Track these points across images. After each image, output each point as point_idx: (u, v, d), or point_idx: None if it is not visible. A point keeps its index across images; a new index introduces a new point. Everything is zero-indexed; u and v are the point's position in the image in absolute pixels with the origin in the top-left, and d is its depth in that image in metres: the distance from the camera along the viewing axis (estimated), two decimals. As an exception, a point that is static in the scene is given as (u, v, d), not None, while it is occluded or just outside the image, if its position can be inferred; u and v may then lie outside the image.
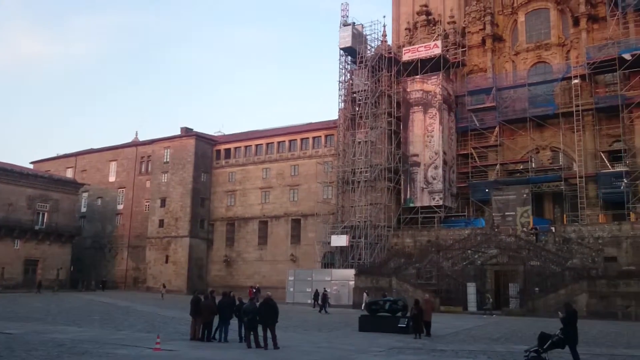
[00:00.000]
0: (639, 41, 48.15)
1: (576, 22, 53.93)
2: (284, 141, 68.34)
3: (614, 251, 43.71)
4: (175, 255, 69.94)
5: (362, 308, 37.17)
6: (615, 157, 49.45)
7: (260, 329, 19.17)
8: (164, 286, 60.76)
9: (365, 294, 42.56)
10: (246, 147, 71.64)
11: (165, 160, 73.49)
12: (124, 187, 79.74)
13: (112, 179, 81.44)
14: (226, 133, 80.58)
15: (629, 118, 48.47)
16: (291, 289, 53.23)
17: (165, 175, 72.89)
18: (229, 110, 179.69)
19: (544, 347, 14.75)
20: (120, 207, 79.75)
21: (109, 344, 19.21)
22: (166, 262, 70.25)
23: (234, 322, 21.09)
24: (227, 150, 73.03)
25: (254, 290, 47.74)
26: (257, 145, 70.72)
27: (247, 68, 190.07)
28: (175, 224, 70.68)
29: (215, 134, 79.50)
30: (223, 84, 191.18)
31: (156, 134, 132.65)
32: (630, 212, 46.14)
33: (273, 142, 69.14)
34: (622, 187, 46.70)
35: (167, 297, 56.41)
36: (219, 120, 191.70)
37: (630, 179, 46.95)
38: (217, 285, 56.79)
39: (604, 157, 49.75)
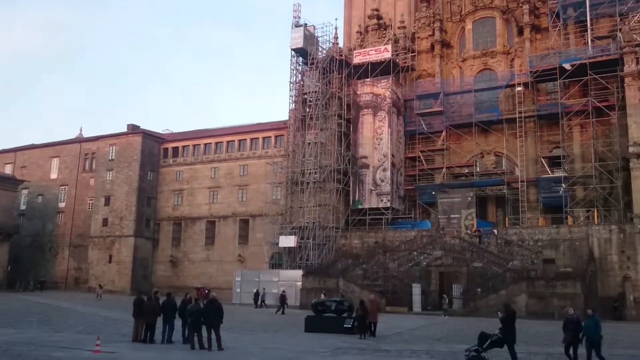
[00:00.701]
0: (578, 52, 50.06)
1: (520, 32, 55.68)
2: (234, 141, 67.82)
3: (552, 253, 45.33)
4: (120, 255, 68.29)
5: None
6: (554, 162, 51.29)
7: (204, 330, 18.94)
8: (101, 286, 59.26)
9: (322, 295, 42.68)
10: (194, 146, 70.70)
11: (110, 158, 71.69)
12: (67, 185, 77.30)
13: (53, 175, 78.79)
14: (174, 131, 79.28)
15: (568, 125, 50.39)
16: (238, 290, 52.79)
17: (110, 173, 71.10)
18: (178, 108, 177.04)
19: (484, 346, 15.14)
20: (62, 205, 77.26)
21: (45, 346, 18.57)
22: (109, 262, 68.51)
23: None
24: (175, 149, 71.88)
25: (206, 292, 47.58)
26: (205, 145, 69.90)
27: (197, 66, 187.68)
28: (120, 223, 69.02)
29: (163, 132, 78.09)
30: (172, 82, 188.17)
31: (101, 131, 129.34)
32: (568, 216, 47.97)
33: (222, 142, 68.51)
34: (560, 192, 48.48)
35: (108, 298, 55.04)
36: (167, 119, 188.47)
37: (569, 184, 48.80)
38: (163, 286, 55.75)
39: (544, 162, 51.56)
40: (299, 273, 49.63)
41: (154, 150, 71.61)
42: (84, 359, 16.54)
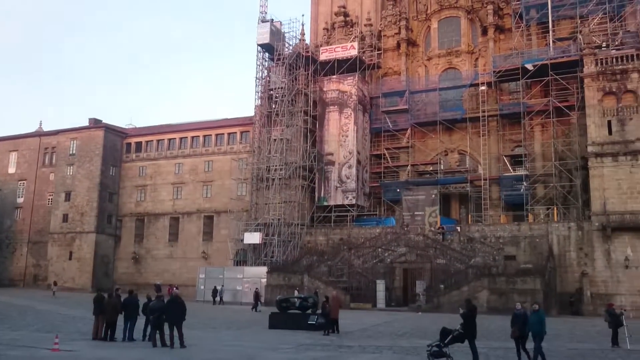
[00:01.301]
0: (540, 52, 51.12)
1: (485, 32, 56.52)
2: (198, 136, 67.10)
3: (513, 250, 46.25)
4: (80, 251, 66.88)
5: None
6: (516, 161, 52.34)
7: (166, 327, 18.67)
8: (55, 283, 58.01)
9: (296, 292, 42.62)
10: (158, 141, 69.68)
11: (71, 152, 70.09)
12: (25, 180, 75.26)
13: (11, 170, 76.61)
14: (138, 126, 77.99)
15: (530, 125, 51.45)
16: (202, 287, 52.35)
17: (71, 167, 69.53)
18: (142, 102, 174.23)
19: (445, 341, 15.30)
20: (20, 200, 75.18)
21: (1, 345, 18.02)
22: (70, 258, 67.04)
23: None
24: (138, 144, 70.71)
25: (175, 289, 47.02)
26: (170, 140, 68.96)
27: (161, 60, 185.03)
28: (81, 219, 67.60)
29: (126, 127, 76.71)
30: (135, 76, 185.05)
31: (62, 125, 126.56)
32: (529, 214, 49.01)
33: (187, 137, 67.71)
34: (522, 190, 49.51)
35: (67, 295, 53.87)
36: (130, 113, 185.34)
37: (529, 182, 49.88)
38: (125, 283, 54.80)
39: (506, 161, 52.54)
40: (263, 270, 49.47)
41: (116, 145, 70.30)
42: (42, 357, 16.12)
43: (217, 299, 47.87)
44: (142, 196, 68.82)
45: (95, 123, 72.10)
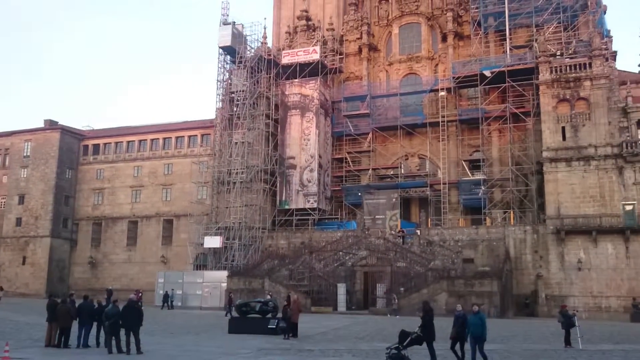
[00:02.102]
0: (498, 60, 52.26)
1: (444, 38, 57.48)
2: (158, 139, 66.18)
3: (471, 253, 47.09)
4: (34, 256, 65.07)
5: None
6: (475, 165, 53.35)
7: (123, 333, 18.29)
8: (1, 288, 56.27)
9: (269, 296, 42.28)
10: (117, 143, 68.43)
11: (25, 154, 68.23)
12: (-24, 182, 72.76)
13: (-38, 172, 73.94)
14: (95, 128, 76.37)
15: (488, 130, 52.52)
16: (160, 292, 51.42)
17: (25, 170, 67.66)
18: (101, 104, 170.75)
19: (404, 344, 15.42)
20: (-30, 203, 72.62)
21: (-53, 354, 17.30)
22: (23, 263, 65.18)
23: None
24: (96, 146, 69.32)
25: (140, 295, 46.28)
26: (128, 142, 67.79)
27: (121, 61, 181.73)
28: (35, 222, 65.79)
29: (84, 129, 74.99)
30: (93, 76, 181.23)
31: (16, 126, 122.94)
32: (487, 217, 49.98)
33: (146, 139, 66.70)
34: (480, 194, 50.47)
35: (20, 302, 52.17)
36: (88, 115, 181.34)
37: (487, 187, 50.89)
38: (81, 289, 53.60)
39: (465, 165, 53.50)
40: (224, 274, 49.05)
41: (73, 147, 68.72)
42: (-10, 366, 15.55)
43: (168, 303, 47.31)
44: (99, 199, 67.42)
45: (51, 124, 70.34)
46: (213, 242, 52.66)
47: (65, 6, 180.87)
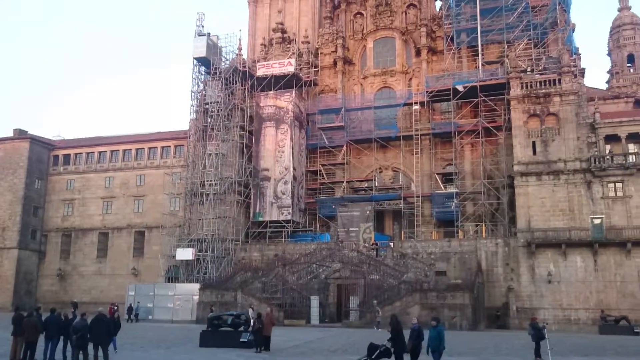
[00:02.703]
0: (470, 75, 53.07)
1: (418, 53, 58.15)
2: (130, 149, 65.33)
3: (444, 266, 47.40)
4: (1, 268, 63.51)
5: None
6: (447, 179, 53.86)
7: (91, 347, 17.91)
8: None
9: (251, 309, 41.77)
10: (88, 153, 67.37)
11: (-8, 164, 66.66)
12: (-59, 192, 70.77)
13: None
14: (66, 138, 75.11)
15: (460, 144, 53.17)
16: (131, 304, 50.59)
17: (-8, 180, 66.06)
18: (72, 114, 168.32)
19: (373, 356, 15.41)
20: None
21: None
22: (-11, 276, 63.42)
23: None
24: (67, 156, 68.14)
25: (116, 308, 45.58)
26: (100, 153, 66.80)
27: (95, 70, 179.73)
28: (2, 234, 64.27)
29: (54, 138, 73.73)
30: (66, 86, 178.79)
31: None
32: (459, 230, 50.42)
33: (118, 150, 65.78)
34: (452, 207, 50.93)
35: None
36: (60, 125, 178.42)
37: (460, 200, 51.39)
38: (49, 302, 52.29)
39: (438, 178, 53.98)
40: (196, 287, 48.43)
41: (42, 157, 67.47)
42: (-49, 382, 15.07)
43: (133, 316, 46.72)
44: (69, 210, 66.20)
45: (20, 134, 68.97)
46: (185, 254, 52.07)
47: (39, 15, 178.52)
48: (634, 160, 45.55)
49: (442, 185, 53.71)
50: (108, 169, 65.42)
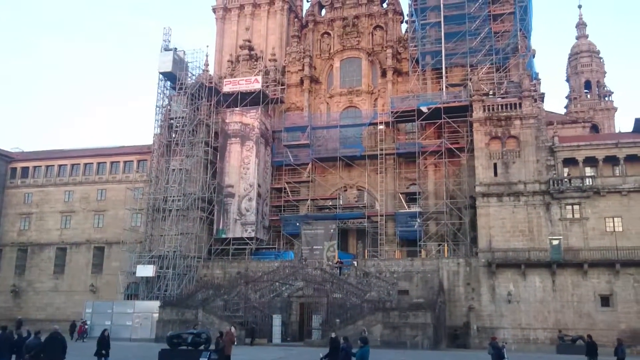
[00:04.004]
0: (434, 96, 54.00)
1: (384, 74, 58.96)
2: (92, 163, 64.05)
3: (406, 285, 47.65)
4: (-49, 284, 61.09)
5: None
6: (411, 198, 54.40)
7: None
8: None
9: (233, 328, 40.90)
10: (47, 166, 65.76)
11: (-54, 175, 64.51)
12: None
13: None
14: (25, 150, 73.25)
15: (424, 164, 53.90)
16: (88, 322, 49.27)
17: (-55, 192, 63.86)
18: (34, 127, 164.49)
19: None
20: None
21: None
22: (-62, 292, 60.98)
23: None
24: (25, 169, 66.39)
25: (85, 327, 44.26)
26: (60, 166, 65.28)
27: (57, 83, 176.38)
28: (-46, 248, 61.96)
29: (12, 151, 71.82)
30: (24, 98, 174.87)
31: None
32: (422, 249, 50.86)
33: (79, 164, 64.42)
34: (415, 226, 51.41)
35: None
36: (19, 137, 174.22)
37: (423, 219, 51.94)
38: (2, 318, 50.63)
39: (402, 198, 54.48)
40: (156, 304, 47.53)
41: (0, 170, 65.57)
42: None
43: (75, 334, 45.05)
44: (26, 225, 64.35)
45: (-23, 145, 67.00)
46: (146, 270, 51.07)
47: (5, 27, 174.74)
48: (591, 183, 46.87)
49: (405, 205, 54.20)
50: (68, 182, 63.94)
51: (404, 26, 62.02)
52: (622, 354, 25.22)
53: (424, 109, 52.20)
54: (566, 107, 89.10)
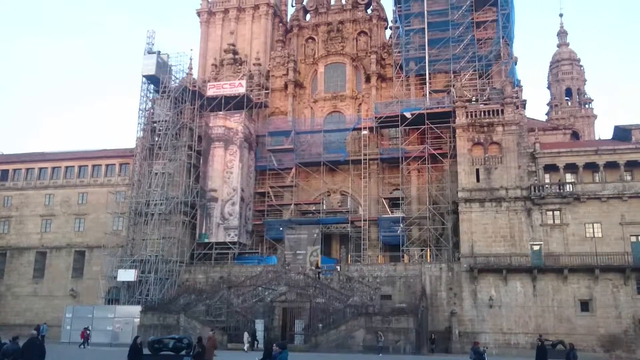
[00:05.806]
0: (418, 102, 54.30)
1: (368, 79, 59.21)
2: (73, 166, 63.35)
3: (389, 289, 47.75)
4: None
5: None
6: (394, 203, 54.60)
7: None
8: None
9: (245, 334, 40.68)
10: (28, 169, 64.93)
11: None
12: None
13: None
14: (5, 153, 72.30)
15: (407, 169, 54.15)
16: (68, 327, 48.69)
17: None
18: (15, 129, 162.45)
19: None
20: None
21: None
22: None
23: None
24: (4, 172, 65.49)
25: (87, 333, 43.47)
26: (40, 169, 64.49)
27: (38, 86, 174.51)
28: None
29: (-8, 153, 70.97)
30: (7, 99, 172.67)
31: None
32: (405, 254, 51.03)
33: (60, 167, 63.67)
34: (398, 232, 51.58)
35: None
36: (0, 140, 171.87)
37: (406, 224, 52.12)
38: (-22, 324, 49.88)
39: (385, 203, 54.65)
40: (137, 309, 47.09)
41: (-22, 172, 64.64)
42: None
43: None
44: (5, 228, 63.42)
45: (-45, 147, 66.05)
46: (127, 275, 50.56)
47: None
48: (571, 189, 47.42)
49: (389, 210, 54.38)
50: (49, 185, 63.19)
51: (388, 32, 62.52)
52: (574, 358, 25.76)
53: (408, 114, 52.47)
54: (547, 114, 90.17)
